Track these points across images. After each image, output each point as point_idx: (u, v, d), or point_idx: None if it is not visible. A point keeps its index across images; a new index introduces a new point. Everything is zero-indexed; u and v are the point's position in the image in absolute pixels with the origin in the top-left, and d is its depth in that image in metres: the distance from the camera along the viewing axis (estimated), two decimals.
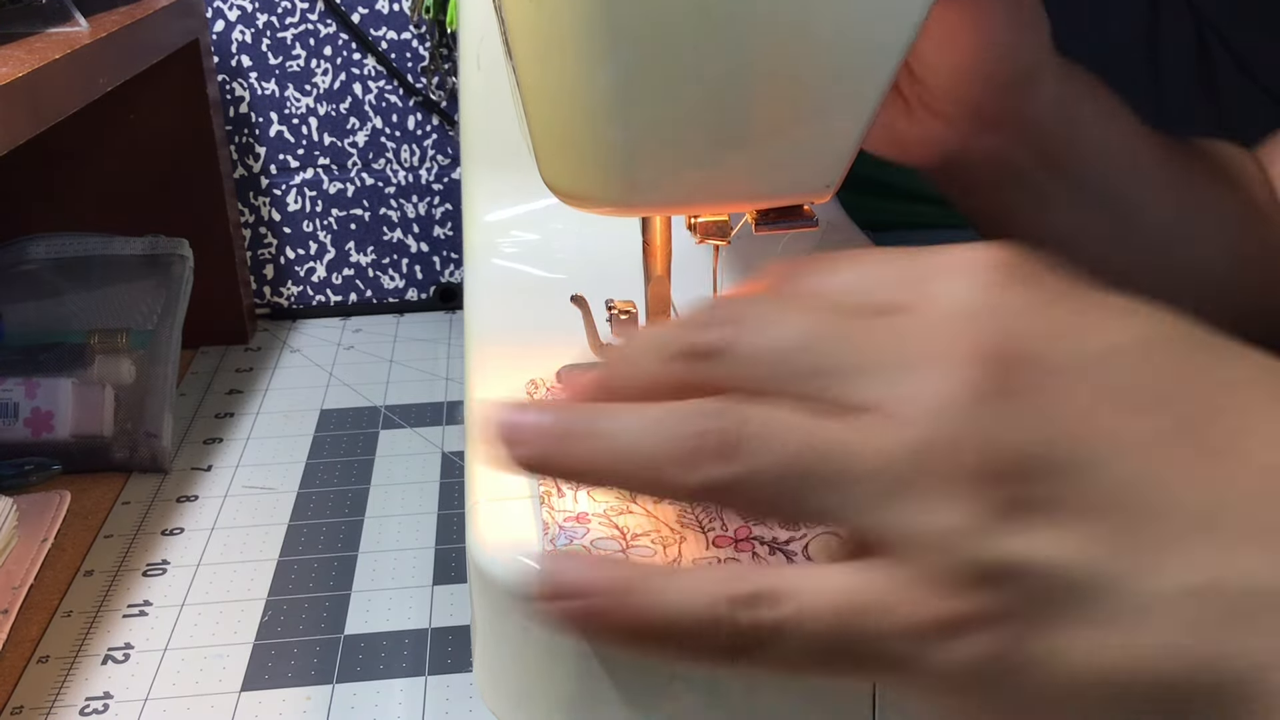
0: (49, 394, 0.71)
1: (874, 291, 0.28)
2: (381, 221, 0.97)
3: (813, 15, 0.31)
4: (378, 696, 0.54)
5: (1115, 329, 0.26)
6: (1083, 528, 0.24)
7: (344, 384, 0.85)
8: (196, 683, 0.55)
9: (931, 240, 0.29)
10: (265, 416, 0.81)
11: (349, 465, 0.74)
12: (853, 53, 0.32)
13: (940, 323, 0.26)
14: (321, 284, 0.98)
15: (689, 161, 0.34)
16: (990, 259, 0.27)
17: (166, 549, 0.65)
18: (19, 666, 0.56)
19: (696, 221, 0.38)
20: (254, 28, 0.91)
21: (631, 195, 0.35)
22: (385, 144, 0.95)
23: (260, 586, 0.62)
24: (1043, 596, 0.24)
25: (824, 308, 0.28)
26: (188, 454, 0.76)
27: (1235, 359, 0.27)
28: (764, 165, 0.34)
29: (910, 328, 0.26)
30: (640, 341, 0.30)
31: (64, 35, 0.64)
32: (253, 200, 0.95)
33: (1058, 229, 0.53)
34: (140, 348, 0.74)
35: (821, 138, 0.34)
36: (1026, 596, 0.24)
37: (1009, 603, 0.24)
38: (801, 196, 0.36)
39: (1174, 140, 0.55)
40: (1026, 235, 0.54)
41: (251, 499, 0.70)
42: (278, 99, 0.93)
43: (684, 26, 0.31)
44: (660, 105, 0.33)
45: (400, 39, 0.92)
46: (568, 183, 0.36)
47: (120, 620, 0.59)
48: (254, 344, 0.92)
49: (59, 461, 0.71)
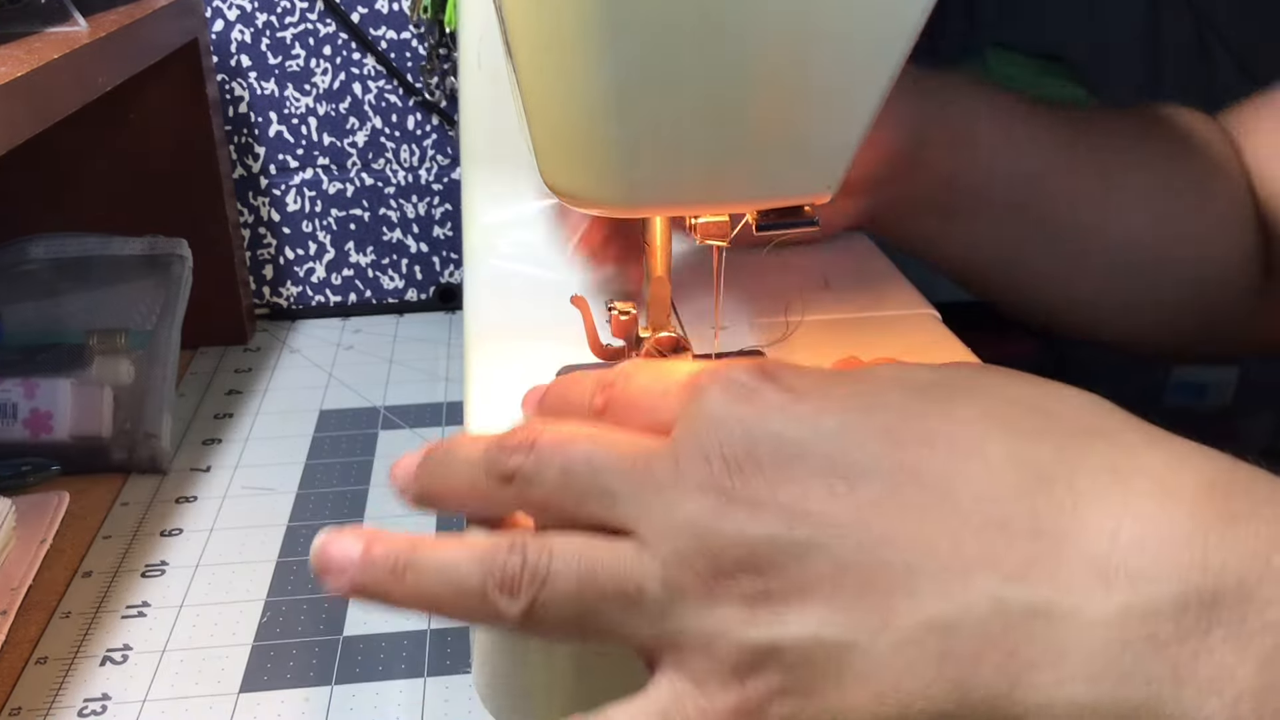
0: (48, 394, 0.71)
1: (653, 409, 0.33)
2: (381, 222, 0.96)
3: (813, 15, 0.31)
4: (377, 698, 0.54)
5: (827, 410, 0.30)
6: (820, 602, 0.28)
7: (343, 384, 0.85)
8: (195, 684, 0.55)
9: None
10: (264, 417, 0.81)
11: (348, 466, 0.74)
12: (853, 53, 0.32)
13: (679, 443, 0.30)
14: (321, 284, 0.97)
15: (689, 161, 0.34)
16: (729, 374, 0.31)
17: (165, 550, 0.65)
18: (17, 667, 0.56)
19: (696, 222, 0.37)
20: (253, 27, 0.91)
21: (631, 195, 0.35)
22: (385, 144, 0.95)
23: (259, 587, 0.62)
24: (807, 668, 0.28)
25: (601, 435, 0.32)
26: (187, 455, 0.75)
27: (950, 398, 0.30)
28: (764, 166, 0.34)
29: (658, 453, 0.31)
30: (456, 454, 0.34)
31: (63, 35, 0.64)
32: (252, 200, 0.95)
33: (970, 238, 0.54)
34: (139, 348, 0.74)
35: (821, 138, 0.34)
36: (794, 671, 0.28)
37: (782, 681, 0.28)
38: (802, 197, 0.36)
39: (1097, 115, 0.55)
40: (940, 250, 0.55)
41: (251, 500, 0.70)
42: (277, 99, 0.93)
43: (684, 26, 0.31)
44: (660, 105, 0.33)
45: (400, 39, 0.92)
46: (568, 183, 0.36)
47: (119, 621, 0.59)
48: (253, 344, 0.92)
49: (57, 462, 0.70)
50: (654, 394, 0.33)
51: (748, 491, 0.29)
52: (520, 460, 0.32)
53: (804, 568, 0.28)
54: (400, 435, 0.78)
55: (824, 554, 0.28)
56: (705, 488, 0.29)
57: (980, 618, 0.26)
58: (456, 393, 0.83)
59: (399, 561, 0.32)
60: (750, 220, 0.37)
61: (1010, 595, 0.26)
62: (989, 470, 0.27)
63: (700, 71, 0.32)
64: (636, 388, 0.34)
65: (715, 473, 0.29)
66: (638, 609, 0.30)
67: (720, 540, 0.29)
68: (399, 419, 0.80)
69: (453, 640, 0.58)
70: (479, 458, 0.33)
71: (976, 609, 0.26)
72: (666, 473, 0.30)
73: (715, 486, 0.29)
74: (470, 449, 0.34)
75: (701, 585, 0.29)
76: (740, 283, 0.48)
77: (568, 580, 0.30)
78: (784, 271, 0.52)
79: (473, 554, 0.31)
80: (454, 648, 0.57)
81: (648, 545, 0.30)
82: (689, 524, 0.29)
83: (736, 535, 0.29)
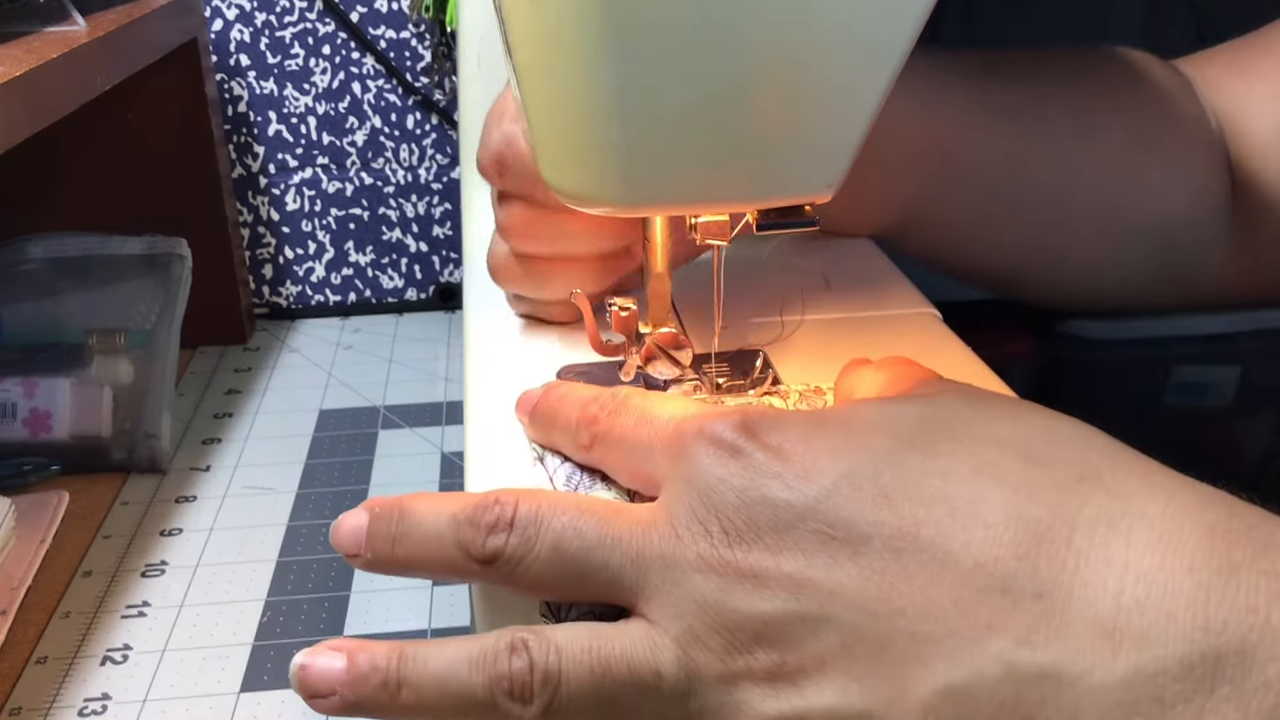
0: (47, 394, 0.71)
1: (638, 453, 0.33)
2: (381, 221, 0.96)
3: (813, 15, 0.31)
4: None
5: (818, 470, 0.30)
6: (837, 673, 0.28)
7: (343, 384, 0.85)
8: (195, 684, 0.55)
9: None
10: (264, 416, 0.81)
11: (348, 465, 0.74)
12: (854, 52, 0.32)
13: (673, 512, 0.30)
14: (320, 284, 0.97)
15: (689, 161, 0.34)
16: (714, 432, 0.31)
17: (165, 549, 0.65)
18: (17, 667, 0.56)
19: (696, 222, 0.37)
20: (252, 27, 0.91)
21: (631, 195, 0.35)
22: (384, 143, 0.95)
23: (259, 587, 0.62)
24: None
25: (583, 505, 0.32)
26: (186, 454, 0.75)
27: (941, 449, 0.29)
28: (764, 165, 0.34)
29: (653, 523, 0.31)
30: (418, 524, 0.33)
31: (62, 34, 0.64)
32: (251, 200, 0.95)
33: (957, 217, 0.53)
34: (139, 348, 0.74)
35: (822, 138, 0.34)
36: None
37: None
38: (802, 197, 0.36)
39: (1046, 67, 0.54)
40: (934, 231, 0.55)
41: (250, 499, 0.70)
42: (276, 98, 0.93)
43: (684, 26, 0.31)
44: (660, 105, 0.33)
45: (399, 38, 0.92)
46: (568, 183, 0.36)
47: (119, 621, 0.59)
48: (253, 344, 0.92)
49: (57, 462, 0.70)
50: (640, 439, 0.33)
51: (750, 562, 0.29)
52: (501, 542, 0.31)
53: (817, 640, 0.28)
54: (400, 435, 0.78)
55: (833, 626, 0.28)
56: (709, 560, 0.29)
57: (993, 683, 0.26)
58: (456, 392, 0.83)
59: (389, 677, 0.31)
60: (750, 220, 0.37)
61: (1021, 659, 0.26)
62: (987, 531, 0.27)
63: (700, 71, 0.32)
64: (622, 429, 0.34)
65: (716, 544, 0.29)
66: (657, 694, 0.30)
67: (733, 617, 0.29)
68: (399, 418, 0.80)
69: None
70: (446, 532, 0.32)
71: (989, 675, 0.26)
72: (667, 546, 0.30)
73: (719, 560, 0.29)
74: (431, 520, 0.33)
75: (718, 663, 0.29)
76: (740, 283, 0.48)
77: (581, 677, 0.30)
78: (784, 272, 0.52)
79: (470, 659, 0.31)
80: None
81: (658, 625, 0.30)
82: (698, 601, 0.29)
83: (747, 610, 0.29)
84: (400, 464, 0.74)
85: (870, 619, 0.28)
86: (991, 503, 0.28)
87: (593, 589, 0.31)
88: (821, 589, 0.28)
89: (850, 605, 0.28)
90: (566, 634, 0.30)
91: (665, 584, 0.30)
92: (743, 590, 0.29)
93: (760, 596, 0.29)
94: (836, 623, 0.28)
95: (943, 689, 0.27)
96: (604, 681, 0.30)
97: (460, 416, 0.79)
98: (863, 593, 0.28)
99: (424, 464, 0.74)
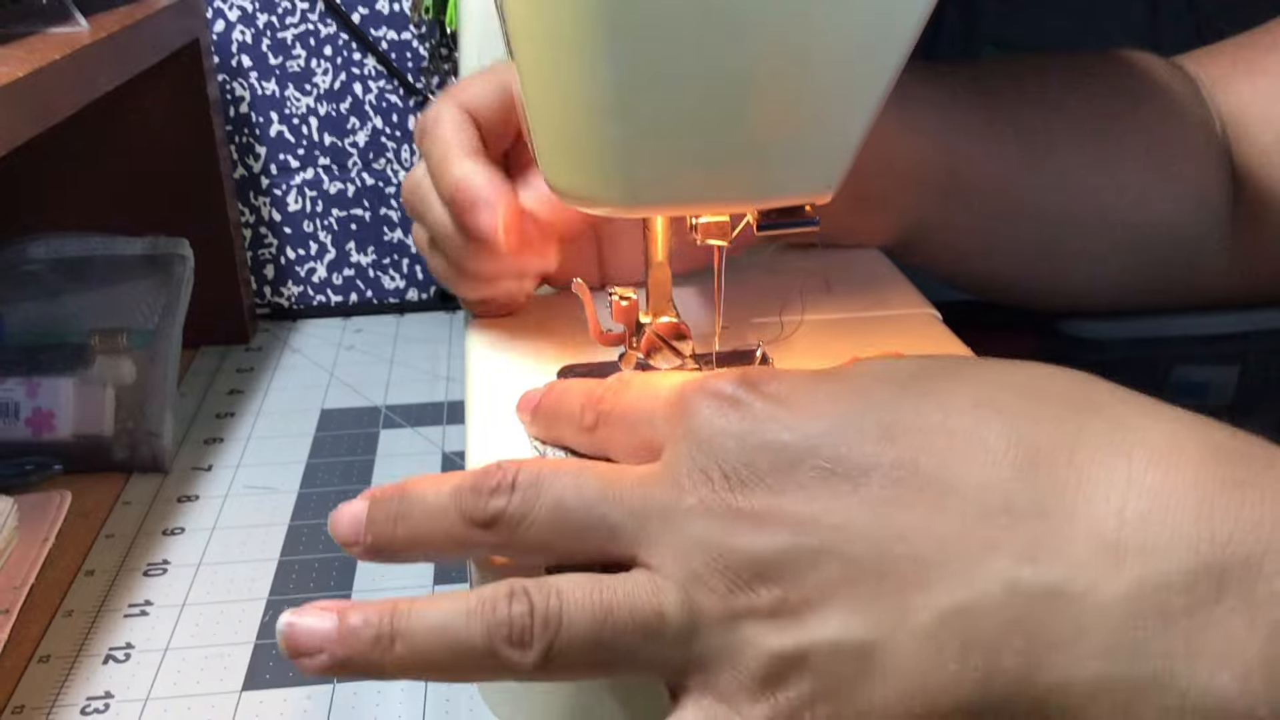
0: (50, 394, 0.71)
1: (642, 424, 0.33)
2: (382, 221, 0.97)
3: (813, 14, 0.31)
4: (378, 697, 0.54)
5: (817, 413, 0.30)
6: (839, 604, 0.28)
7: (344, 384, 0.85)
8: (197, 682, 0.55)
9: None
10: (266, 416, 0.81)
11: (350, 465, 0.74)
12: (854, 52, 0.32)
13: (675, 464, 0.30)
14: (322, 284, 0.98)
15: (689, 161, 0.34)
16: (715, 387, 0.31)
17: (167, 549, 0.65)
18: (20, 666, 0.56)
19: (697, 222, 0.37)
20: (254, 28, 0.91)
21: (632, 195, 0.35)
22: (386, 144, 0.95)
23: (261, 586, 0.62)
24: (835, 671, 0.28)
25: (583, 467, 0.32)
26: (188, 454, 0.76)
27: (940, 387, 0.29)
28: (765, 165, 0.34)
29: (654, 477, 0.30)
30: (418, 500, 0.33)
31: (64, 35, 0.64)
32: (253, 200, 0.95)
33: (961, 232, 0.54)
34: (141, 348, 0.74)
35: (822, 137, 0.34)
36: (822, 676, 0.28)
37: (812, 687, 0.28)
38: (802, 197, 0.36)
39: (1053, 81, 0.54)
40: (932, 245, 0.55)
41: (252, 499, 0.70)
42: (278, 99, 0.93)
43: (684, 26, 0.31)
44: (660, 105, 0.33)
45: (400, 39, 0.92)
46: (569, 182, 0.36)
47: (121, 620, 0.59)
48: (254, 344, 0.92)
49: (60, 461, 0.71)
50: (642, 409, 0.33)
51: (752, 504, 0.29)
52: (502, 503, 0.31)
53: (819, 573, 0.28)
54: (401, 434, 0.78)
55: (836, 557, 0.28)
56: (710, 506, 0.29)
57: (997, 602, 0.26)
58: (457, 392, 0.83)
59: (382, 631, 0.30)
60: (751, 220, 0.37)
61: (1024, 576, 0.26)
62: (988, 455, 0.27)
63: (700, 71, 0.32)
64: (625, 403, 0.34)
65: (717, 489, 0.29)
66: (660, 638, 0.29)
67: (734, 556, 0.29)
68: (400, 418, 0.80)
69: None
70: (448, 503, 0.32)
71: (992, 593, 0.26)
72: (668, 496, 0.30)
73: (720, 503, 0.29)
74: (433, 494, 0.33)
75: (721, 603, 0.29)
76: (741, 283, 0.48)
77: (583, 620, 0.29)
78: (785, 273, 0.52)
79: (468, 609, 0.30)
80: None
81: (660, 570, 0.30)
82: (700, 544, 0.29)
83: (749, 549, 0.29)
84: (401, 464, 0.74)
85: (872, 548, 0.28)
86: (991, 430, 0.28)
87: (595, 544, 0.31)
88: (823, 523, 0.28)
89: (852, 537, 0.28)
90: (568, 581, 0.30)
91: (667, 532, 0.30)
92: (744, 530, 0.29)
93: (762, 535, 0.29)
94: (838, 554, 0.28)
95: (946, 611, 0.27)
96: (605, 626, 0.29)
97: (461, 416, 0.79)
98: (864, 523, 0.28)
99: (425, 464, 0.74)
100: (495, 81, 0.45)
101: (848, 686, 0.28)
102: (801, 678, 0.28)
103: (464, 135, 0.43)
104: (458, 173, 0.42)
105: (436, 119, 0.44)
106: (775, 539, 0.28)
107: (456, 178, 0.42)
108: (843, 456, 0.29)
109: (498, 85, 0.45)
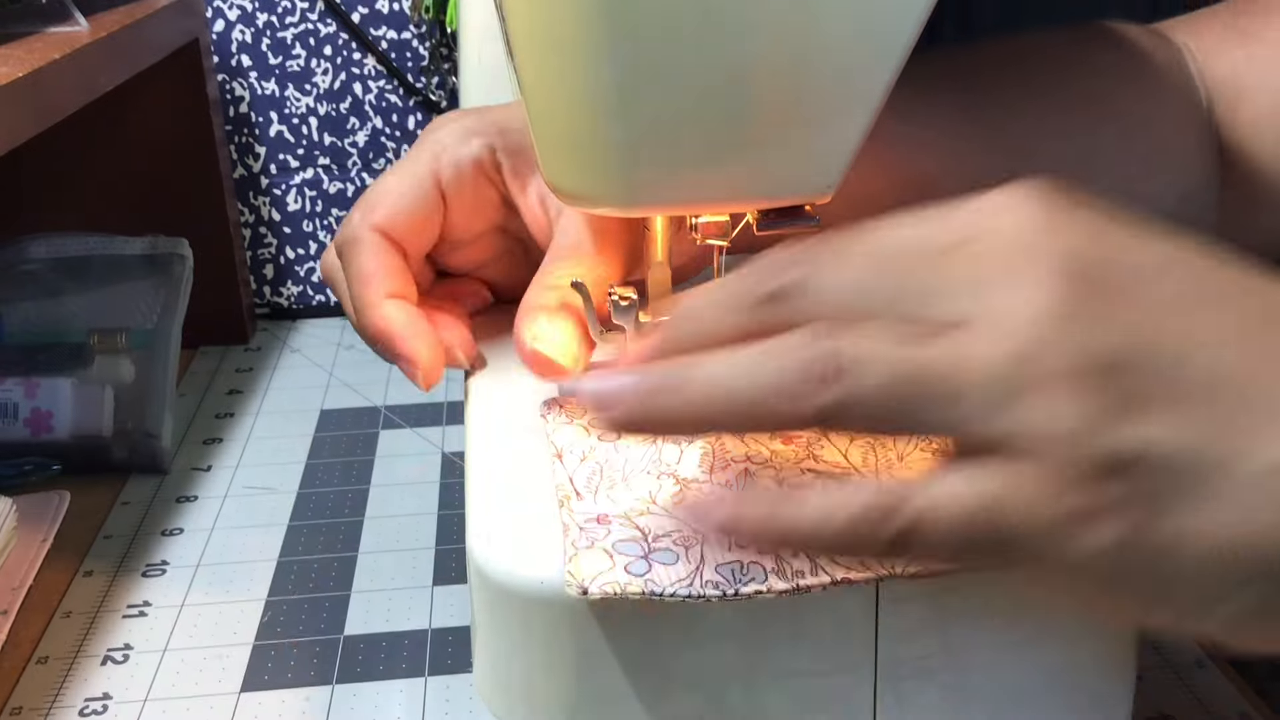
0: (48, 394, 0.71)
1: (935, 234, 0.29)
2: None
3: (814, 14, 0.31)
4: (378, 697, 0.54)
5: (1161, 243, 0.28)
6: (1184, 417, 0.26)
7: (344, 384, 0.85)
8: (196, 683, 0.55)
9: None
10: (265, 417, 0.81)
11: (349, 465, 0.74)
12: (854, 52, 0.32)
13: (1012, 246, 0.28)
14: (321, 284, 0.98)
15: (689, 161, 0.34)
16: (1035, 191, 0.29)
17: (166, 549, 0.65)
18: (18, 667, 0.56)
19: (697, 222, 0.37)
20: (254, 27, 0.91)
21: (632, 195, 0.35)
22: (385, 144, 0.95)
23: (260, 587, 0.62)
24: (1161, 482, 0.26)
25: (891, 246, 0.29)
26: (187, 454, 0.76)
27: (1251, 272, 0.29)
28: (765, 165, 0.34)
29: (984, 253, 0.28)
30: (705, 297, 0.31)
31: (64, 35, 0.64)
32: (252, 200, 0.95)
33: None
34: (140, 348, 0.74)
35: (822, 137, 0.34)
36: (1147, 483, 0.26)
37: (1133, 490, 0.26)
38: (802, 196, 0.36)
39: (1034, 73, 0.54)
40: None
41: (251, 499, 0.70)
42: (277, 99, 0.93)
43: (684, 26, 0.31)
44: (660, 105, 0.33)
45: (400, 39, 0.92)
46: (569, 182, 0.36)
47: (120, 621, 0.59)
48: (254, 344, 0.92)
49: (58, 461, 0.70)
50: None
51: (1111, 295, 0.27)
52: (795, 274, 0.29)
53: (1180, 374, 0.26)
54: (401, 435, 0.78)
55: (1199, 366, 0.26)
56: (1056, 291, 0.27)
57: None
58: (457, 392, 0.83)
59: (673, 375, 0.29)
60: (750, 220, 0.37)
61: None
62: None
63: (700, 71, 0.32)
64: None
65: (1066, 274, 0.27)
66: (980, 395, 0.27)
67: (1084, 335, 0.26)
68: (399, 418, 0.80)
69: (453, 640, 0.58)
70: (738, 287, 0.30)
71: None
72: (1000, 261, 0.28)
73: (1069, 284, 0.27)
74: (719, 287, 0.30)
75: (1061, 382, 0.26)
76: None
77: (889, 365, 0.27)
78: None
79: (782, 346, 0.28)
80: (455, 648, 0.57)
81: (991, 333, 0.27)
82: (1045, 316, 0.26)
83: (1105, 332, 0.26)
84: (401, 464, 0.74)
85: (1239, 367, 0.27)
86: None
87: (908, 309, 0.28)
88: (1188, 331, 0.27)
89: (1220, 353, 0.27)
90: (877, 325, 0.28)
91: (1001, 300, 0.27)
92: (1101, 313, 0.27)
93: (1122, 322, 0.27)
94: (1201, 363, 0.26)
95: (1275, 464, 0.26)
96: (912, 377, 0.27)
97: (460, 416, 0.79)
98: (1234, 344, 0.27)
99: (424, 464, 0.74)
100: (412, 178, 0.44)
101: (1173, 502, 0.26)
102: (1132, 478, 0.26)
103: (382, 270, 0.43)
104: (377, 320, 0.43)
105: (355, 246, 0.44)
106: (1137, 330, 0.27)
107: (376, 326, 0.43)
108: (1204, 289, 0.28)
109: (415, 183, 0.44)
